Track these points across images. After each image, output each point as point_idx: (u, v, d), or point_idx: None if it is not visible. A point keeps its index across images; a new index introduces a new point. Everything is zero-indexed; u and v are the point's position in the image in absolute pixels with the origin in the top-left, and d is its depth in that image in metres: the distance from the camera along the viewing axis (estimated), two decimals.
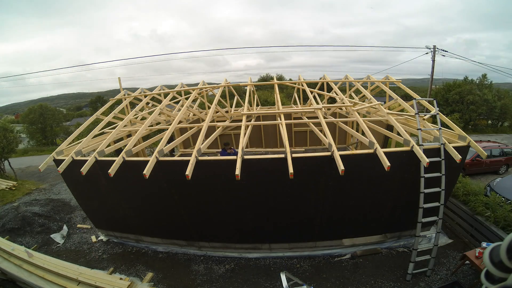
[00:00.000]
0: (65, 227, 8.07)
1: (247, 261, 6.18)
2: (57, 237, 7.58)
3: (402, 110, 7.57)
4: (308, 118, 8.92)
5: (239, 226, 6.05)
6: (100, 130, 7.13)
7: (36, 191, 11.69)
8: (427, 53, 18.65)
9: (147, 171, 4.67)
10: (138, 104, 8.76)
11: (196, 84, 9.73)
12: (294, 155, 4.80)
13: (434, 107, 5.74)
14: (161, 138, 6.45)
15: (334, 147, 4.79)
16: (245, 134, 5.77)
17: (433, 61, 18.45)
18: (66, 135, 25.31)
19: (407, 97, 7.26)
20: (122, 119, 8.03)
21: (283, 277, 3.60)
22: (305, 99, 11.05)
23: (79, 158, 5.87)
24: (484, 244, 5.18)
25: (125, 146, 5.79)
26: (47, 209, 8.87)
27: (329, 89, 9.53)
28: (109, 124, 7.83)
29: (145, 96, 8.84)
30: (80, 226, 8.00)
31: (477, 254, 4.85)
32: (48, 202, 9.52)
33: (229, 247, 6.41)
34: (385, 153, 4.57)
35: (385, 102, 7.96)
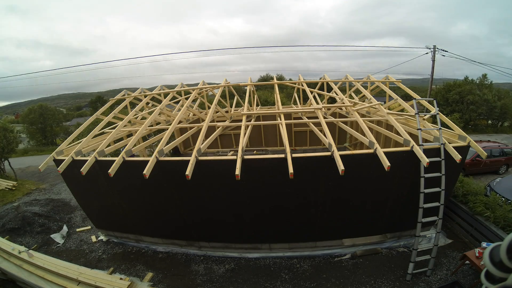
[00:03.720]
0: (65, 227, 8.07)
1: (247, 261, 6.18)
2: (57, 237, 7.58)
3: (402, 110, 7.57)
4: (308, 118, 8.93)
5: (239, 226, 6.04)
6: (100, 130, 7.14)
7: (36, 191, 11.69)
8: (427, 53, 18.67)
9: (147, 171, 4.68)
10: (138, 104, 8.77)
11: (196, 84, 9.74)
12: (294, 155, 4.80)
13: (434, 107, 5.74)
14: (161, 138, 6.45)
15: (334, 147, 4.80)
16: (245, 134, 5.78)
17: (433, 61, 18.45)
18: (66, 135, 25.33)
19: (407, 97, 7.26)
20: (122, 119, 8.03)
21: None
22: (305, 99, 11.06)
23: (79, 158, 5.88)
24: (484, 244, 5.18)
25: (125, 146, 5.79)
26: (47, 209, 8.87)
27: (329, 89, 9.54)
28: (109, 124, 7.84)
29: (145, 96, 8.85)
30: (80, 230, 7.95)
31: (477, 254, 4.86)
32: (48, 202, 9.53)
33: (229, 247, 6.41)
34: (385, 153, 4.58)
35: (385, 102, 7.97)
